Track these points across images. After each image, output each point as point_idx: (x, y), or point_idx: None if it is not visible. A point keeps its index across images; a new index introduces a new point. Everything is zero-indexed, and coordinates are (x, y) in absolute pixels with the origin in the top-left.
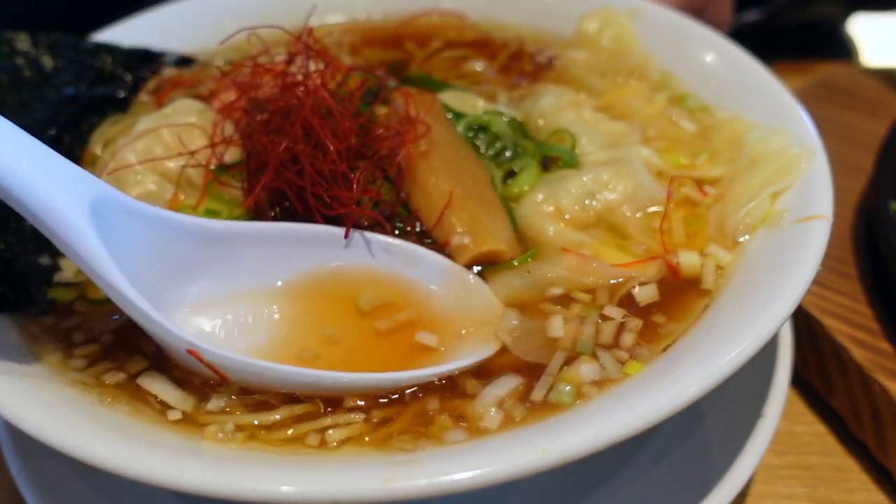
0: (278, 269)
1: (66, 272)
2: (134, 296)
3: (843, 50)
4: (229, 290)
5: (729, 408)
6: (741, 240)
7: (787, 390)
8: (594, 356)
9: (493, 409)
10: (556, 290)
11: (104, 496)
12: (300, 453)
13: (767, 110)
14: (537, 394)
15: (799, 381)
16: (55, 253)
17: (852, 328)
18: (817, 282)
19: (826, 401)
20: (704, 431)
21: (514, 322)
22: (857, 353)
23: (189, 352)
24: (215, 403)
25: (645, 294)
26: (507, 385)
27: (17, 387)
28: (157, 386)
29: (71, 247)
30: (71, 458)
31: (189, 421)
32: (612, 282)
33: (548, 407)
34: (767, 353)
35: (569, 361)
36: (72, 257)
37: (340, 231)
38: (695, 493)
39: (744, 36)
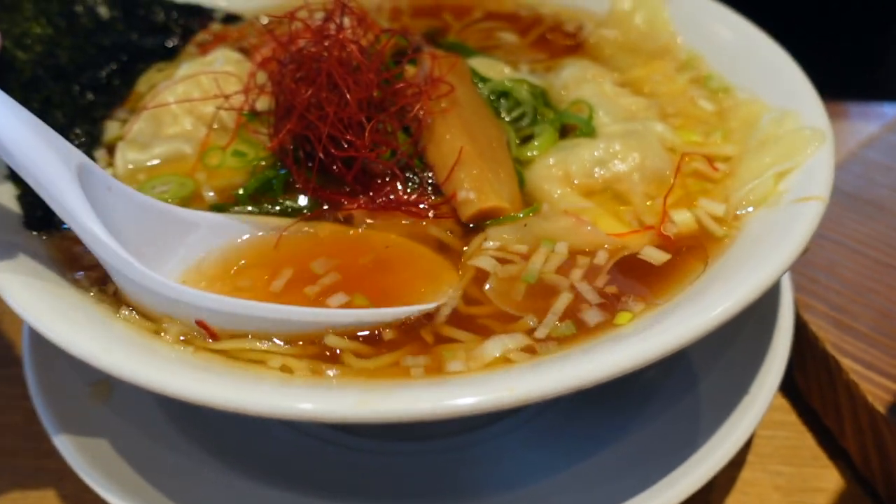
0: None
1: None
2: (117, 247)
3: None
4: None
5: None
6: (739, 213)
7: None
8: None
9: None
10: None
11: (114, 416)
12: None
13: (783, 93)
14: (517, 339)
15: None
16: None
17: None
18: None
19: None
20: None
21: (493, 284)
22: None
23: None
24: None
25: (651, 255)
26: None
27: (44, 298)
28: None
29: (63, 204)
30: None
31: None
32: (606, 247)
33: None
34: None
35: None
36: (63, 215)
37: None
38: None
39: None
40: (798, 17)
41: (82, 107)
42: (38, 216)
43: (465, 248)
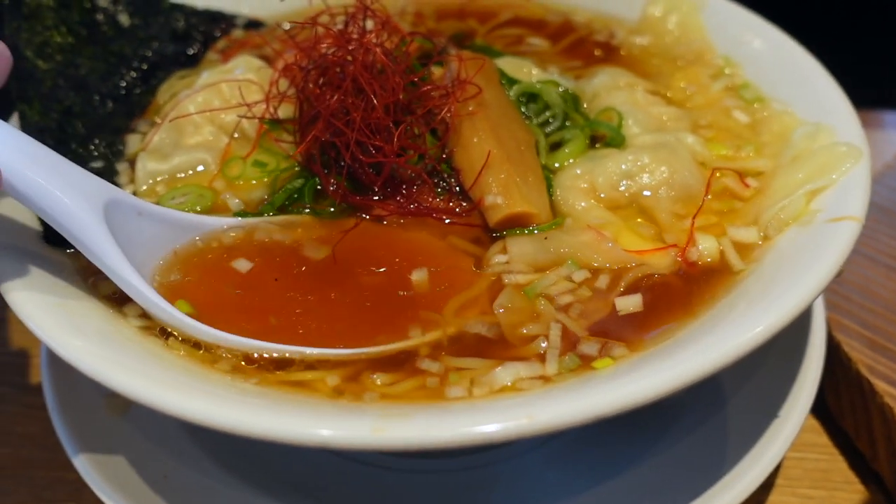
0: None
1: None
2: (145, 288)
3: None
4: None
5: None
6: (771, 236)
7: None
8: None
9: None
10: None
11: (131, 429)
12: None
13: (818, 107)
14: (531, 367)
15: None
16: None
17: None
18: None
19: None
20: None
21: (505, 301)
22: None
23: None
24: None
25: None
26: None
27: (60, 315)
28: None
29: (88, 248)
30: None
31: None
32: (626, 265)
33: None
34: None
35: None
36: (88, 255)
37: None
38: None
39: None
40: (830, 23)
41: (103, 117)
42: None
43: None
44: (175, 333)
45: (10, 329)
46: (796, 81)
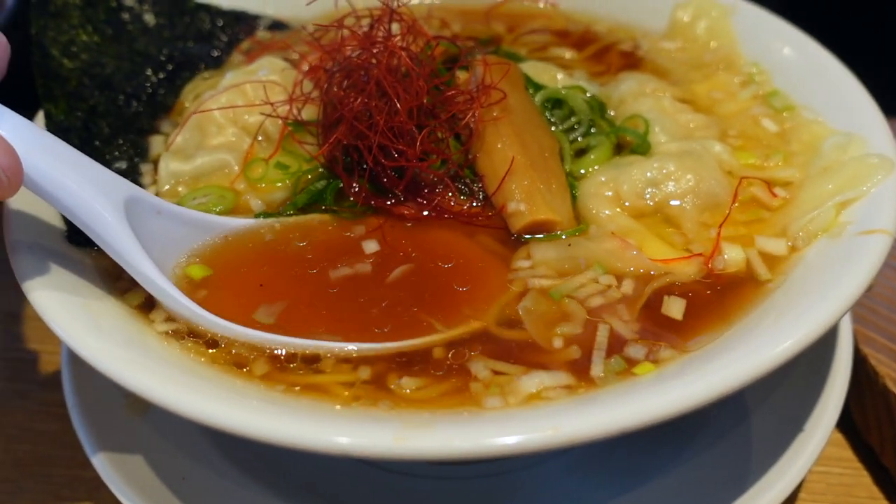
0: None
1: None
2: (165, 283)
3: None
4: None
5: None
6: (799, 248)
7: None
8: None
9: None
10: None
11: (150, 430)
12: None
13: (849, 117)
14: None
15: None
16: None
17: None
18: None
19: None
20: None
21: (529, 304)
22: None
23: None
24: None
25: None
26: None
27: (81, 315)
28: None
29: (109, 244)
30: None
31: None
32: (650, 273)
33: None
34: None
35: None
36: (108, 251)
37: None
38: None
39: None
40: (861, 32)
41: (128, 117)
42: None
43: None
44: (196, 335)
45: (31, 327)
46: (827, 90)
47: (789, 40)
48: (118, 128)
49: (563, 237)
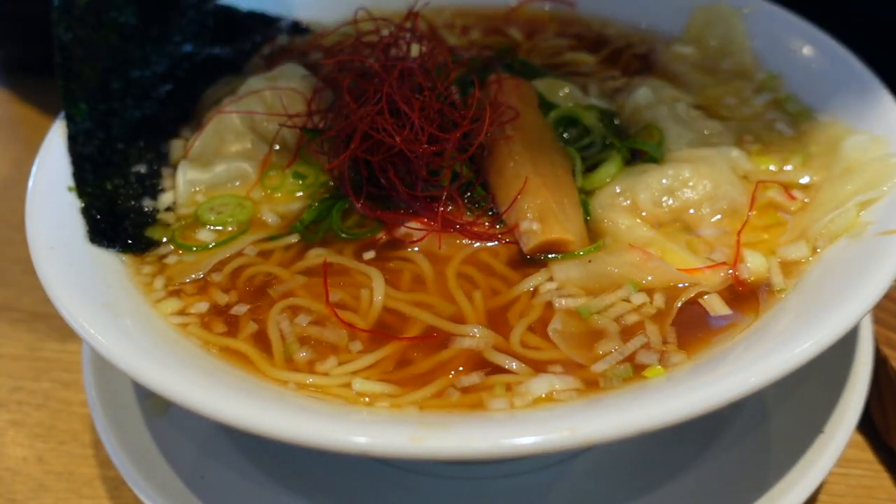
0: None
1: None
2: None
3: None
4: None
5: None
6: (820, 249)
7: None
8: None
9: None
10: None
11: (171, 429)
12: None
13: (870, 117)
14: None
15: None
16: (156, 198)
17: None
18: None
19: None
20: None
21: (558, 325)
22: None
23: None
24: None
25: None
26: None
27: (103, 315)
28: None
29: None
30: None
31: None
32: (678, 285)
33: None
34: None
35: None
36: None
37: None
38: None
39: None
40: (878, 26)
41: (148, 119)
42: (102, 228)
43: (524, 282)
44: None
45: (54, 326)
46: (846, 89)
47: (808, 39)
48: (139, 130)
49: (581, 254)
